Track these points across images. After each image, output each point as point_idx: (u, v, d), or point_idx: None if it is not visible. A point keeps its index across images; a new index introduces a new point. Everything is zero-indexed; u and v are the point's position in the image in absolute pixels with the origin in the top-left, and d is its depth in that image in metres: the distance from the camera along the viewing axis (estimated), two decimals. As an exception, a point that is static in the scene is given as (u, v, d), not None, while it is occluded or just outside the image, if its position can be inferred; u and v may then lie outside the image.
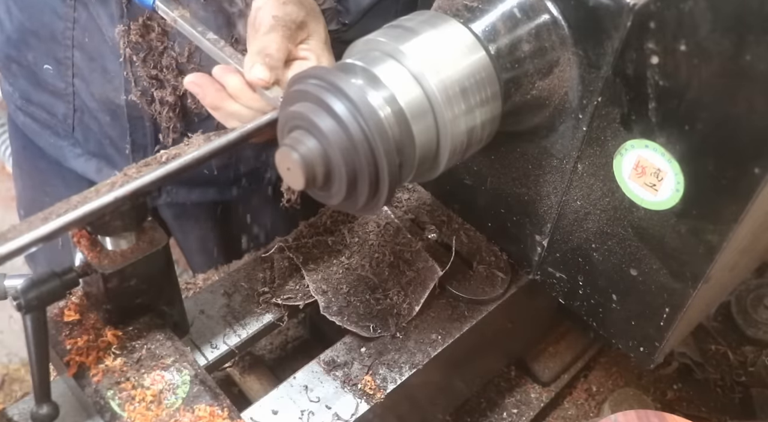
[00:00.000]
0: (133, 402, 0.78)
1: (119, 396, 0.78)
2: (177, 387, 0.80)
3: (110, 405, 0.77)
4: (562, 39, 0.75)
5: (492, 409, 1.18)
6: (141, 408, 0.77)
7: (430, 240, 1.02)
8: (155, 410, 0.77)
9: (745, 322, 1.27)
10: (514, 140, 0.89)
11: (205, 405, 0.78)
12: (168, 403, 0.78)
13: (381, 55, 0.70)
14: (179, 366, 0.82)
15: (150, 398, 0.78)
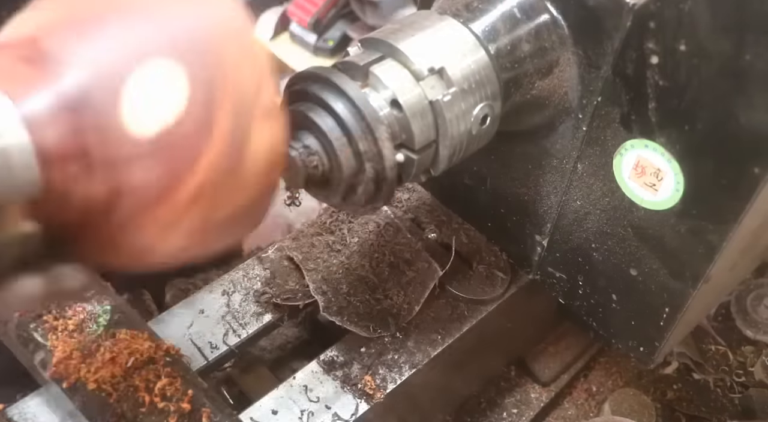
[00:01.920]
0: (56, 332, 0.81)
1: (42, 327, 0.82)
2: (98, 317, 0.83)
3: (33, 336, 0.81)
4: (561, 39, 0.75)
5: (492, 409, 1.18)
6: (64, 336, 0.81)
7: (430, 240, 1.02)
8: (77, 337, 0.81)
9: (745, 322, 1.27)
10: (514, 140, 0.89)
11: (126, 329, 0.83)
12: (90, 331, 0.82)
13: (381, 54, 0.70)
14: (99, 298, 0.86)
15: (72, 327, 0.82)
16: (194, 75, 0.45)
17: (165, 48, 0.45)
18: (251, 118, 0.48)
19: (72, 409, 0.79)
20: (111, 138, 0.44)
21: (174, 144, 0.45)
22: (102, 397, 0.77)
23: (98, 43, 0.44)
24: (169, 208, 0.47)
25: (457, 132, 0.71)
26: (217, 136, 0.46)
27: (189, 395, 0.78)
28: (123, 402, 0.77)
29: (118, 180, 0.45)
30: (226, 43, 0.47)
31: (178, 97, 0.45)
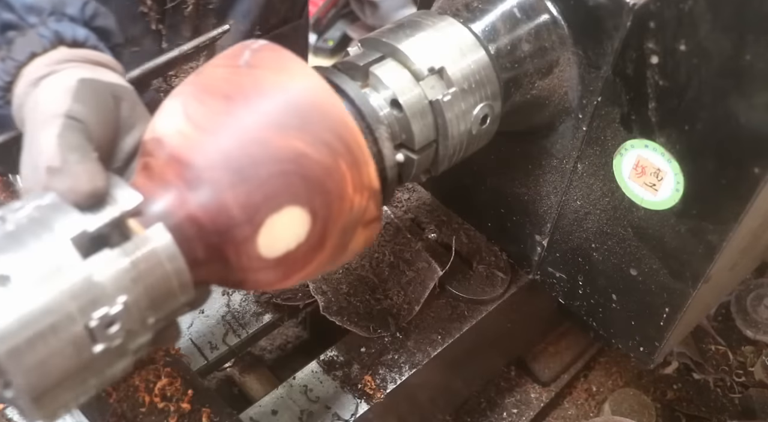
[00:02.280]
0: None
1: None
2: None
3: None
4: (561, 39, 0.75)
5: (492, 409, 1.18)
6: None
7: (430, 240, 1.02)
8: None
9: (745, 322, 1.27)
10: (514, 140, 0.89)
11: None
12: None
13: (381, 54, 0.70)
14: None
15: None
16: (317, 214, 0.58)
17: (298, 197, 0.57)
18: (356, 230, 0.61)
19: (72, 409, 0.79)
20: (246, 257, 0.57)
21: (292, 260, 0.59)
22: (102, 397, 0.77)
23: (246, 191, 0.56)
24: (281, 284, 0.62)
25: (457, 132, 0.71)
26: (327, 247, 0.60)
27: (189, 395, 0.78)
28: (123, 402, 0.77)
29: (248, 278, 0.60)
30: (349, 182, 0.59)
31: (301, 232, 0.58)
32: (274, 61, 0.59)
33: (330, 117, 0.58)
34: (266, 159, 0.55)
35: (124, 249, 0.53)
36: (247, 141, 0.56)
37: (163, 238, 0.54)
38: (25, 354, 0.47)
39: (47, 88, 0.63)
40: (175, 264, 0.55)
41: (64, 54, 0.66)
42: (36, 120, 0.61)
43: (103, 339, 0.50)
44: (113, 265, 0.51)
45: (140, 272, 0.53)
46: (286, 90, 0.58)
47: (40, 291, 0.48)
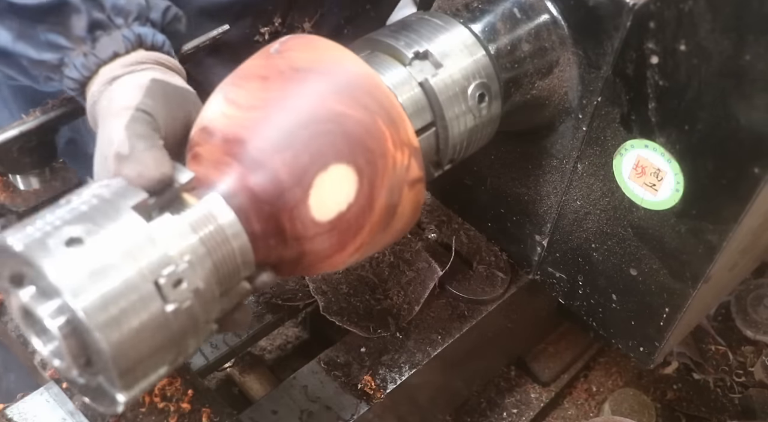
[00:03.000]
0: None
1: None
2: None
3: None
4: (561, 39, 0.75)
5: (492, 409, 1.18)
6: None
7: (430, 240, 1.02)
8: None
9: (745, 322, 1.27)
10: (514, 140, 0.89)
11: None
12: None
13: (381, 54, 0.70)
14: None
15: None
16: (362, 171, 0.59)
17: (339, 153, 0.58)
18: (402, 190, 0.62)
19: (72, 409, 0.79)
20: (300, 222, 0.59)
21: (345, 223, 0.60)
22: (102, 397, 0.77)
23: (293, 155, 0.58)
24: (338, 258, 0.62)
25: (457, 132, 0.71)
26: (377, 209, 0.61)
27: (189, 395, 0.78)
28: (123, 402, 0.77)
29: (304, 248, 0.61)
30: (388, 139, 0.60)
31: (350, 191, 0.59)
32: (303, 44, 0.63)
33: (362, 80, 0.61)
34: (307, 121, 0.58)
35: (183, 214, 0.56)
36: (288, 108, 0.59)
37: (220, 208, 0.57)
38: (104, 312, 0.49)
39: (121, 86, 0.68)
40: (234, 230, 0.57)
41: (141, 56, 0.71)
42: (109, 113, 0.65)
43: (174, 297, 0.52)
44: (174, 227, 0.54)
45: (200, 236, 0.55)
46: (318, 62, 0.61)
47: (110, 251, 0.50)
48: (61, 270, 0.48)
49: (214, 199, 0.58)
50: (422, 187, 0.65)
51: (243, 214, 0.58)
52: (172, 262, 0.52)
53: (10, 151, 0.81)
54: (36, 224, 0.51)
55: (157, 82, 0.68)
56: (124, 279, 0.50)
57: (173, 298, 0.52)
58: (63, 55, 0.71)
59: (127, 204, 0.53)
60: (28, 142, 0.81)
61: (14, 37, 0.71)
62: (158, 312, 0.51)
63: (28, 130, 0.81)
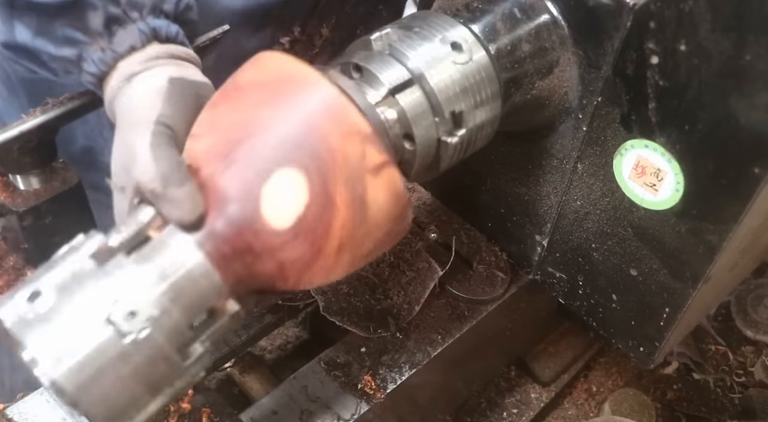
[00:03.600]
0: None
1: None
2: None
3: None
4: (562, 39, 0.75)
5: (492, 409, 1.18)
6: None
7: (430, 240, 1.02)
8: None
9: (745, 322, 1.27)
10: (514, 140, 0.89)
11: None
12: None
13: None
14: None
15: None
16: (309, 169, 0.58)
17: (281, 160, 0.58)
18: (364, 180, 0.60)
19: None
20: (262, 235, 0.59)
21: (308, 225, 0.59)
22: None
23: (236, 172, 0.59)
24: (323, 262, 0.61)
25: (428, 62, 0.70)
26: (340, 204, 0.59)
27: (189, 395, 0.78)
28: (123, 402, 0.77)
29: (280, 259, 0.60)
30: (329, 130, 0.59)
31: (301, 193, 0.58)
32: (252, 61, 0.64)
33: (297, 81, 0.61)
34: (244, 135, 0.59)
35: (142, 251, 0.57)
36: (225, 128, 0.61)
37: (177, 237, 0.58)
38: (79, 376, 0.52)
39: (140, 87, 0.70)
40: (189, 255, 0.58)
41: (156, 50, 0.73)
42: (130, 121, 0.67)
43: (128, 328, 0.53)
44: (127, 265, 0.56)
45: (154, 265, 0.56)
46: (258, 75, 0.63)
47: (67, 306, 0.53)
48: (34, 346, 0.52)
49: (170, 229, 0.59)
50: (391, 171, 0.62)
51: (208, 240, 0.59)
52: (123, 298, 0.54)
53: (11, 151, 0.81)
54: (27, 303, 0.54)
55: (174, 83, 0.69)
56: (88, 335, 0.53)
57: (128, 329, 0.53)
58: (81, 50, 0.73)
59: (87, 253, 0.56)
60: (28, 142, 0.81)
61: (33, 34, 0.73)
62: (118, 345, 0.53)
63: (29, 130, 0.81)
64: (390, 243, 0.68)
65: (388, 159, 0.62)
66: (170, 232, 0.59)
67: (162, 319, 0.54)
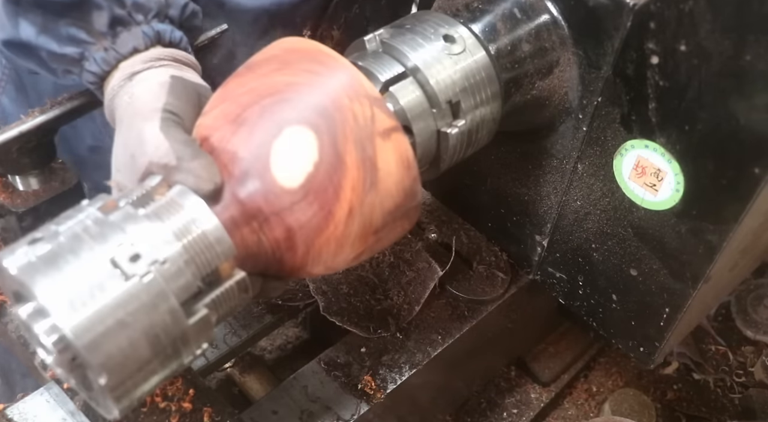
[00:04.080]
0: None
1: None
2: None
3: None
4: (562, 39, 0.75)
5: (492, 409, 1.18)
6: None
7: (430, 240, 1.02)
8: None
9: (745, 322, 1.27)
10: (514, 140, 0.89)
11: None
12: None
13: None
14: None
15: None
16: (319, 127, 0.58)
17: (290, 118, 0.58)
18: (373, 141, 0.60)
19: (72, 409, 0.79)
20: (271, 195, 0.58)
21: (318, 184, 0.58)
22: (102, 397, 0.77)
23: (247, 131, 0.59)
24: (333, 229, 0.60)
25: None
26: (350, 164, 0.59)
27: (190, 394, 0.78)
28: (123, 402, 0.77)
29: (288, 222, 0.59)
30: (338, 90, 0.59)
31: (311, 150, 0.58)
32: (266, 48, 0.65)
33: (306, 51, 0.62)
34: (255, 99, 0.60)
35: (150, 206, 0.56)
36: (237, 97, 0.61)
37: (185, 194, 0.58)
38: (91, 331, 0.49)
39: (142, 83, 0.70)
40: (198, 210, 0.57)
41: (159, 52, 0.73)
42: (134, 112, 0.67)
43: (132, 271, 0.52)
44: (135, 215, 0.55)
45: (163, 220, 0.55)
46: (269, 52, 0.64)
47: (75, 248, 0.52)
48: (48, 292, 0.50)
49: (177, 189, 0.58)
50: (400, 137, 0.62)
51: (218, 201, 0.58)
52: (127, 241, 0.53)
53: (10, 152, 0.81)
54: (30, 245, 0.52)
55: (176, 79, 0.69)
56: (91, 274, 0.51)
57: (132, 272, 0.52)
58: (84, 50, 0.73)
59: (93, 207, 0.56)
60: (27, 142, 0.81)
61: (38, 31, 0.74)
62: (119, 285, 0.51)
63: (28, 130, 0.81)
64: (400, 227, 0.67)
65: (397, 124, 0.62)
66: (182, 193, 0.58)
67: (167, 266, 0.53)
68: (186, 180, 0.58)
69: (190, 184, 0.58)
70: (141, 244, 0.53)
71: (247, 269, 0.59)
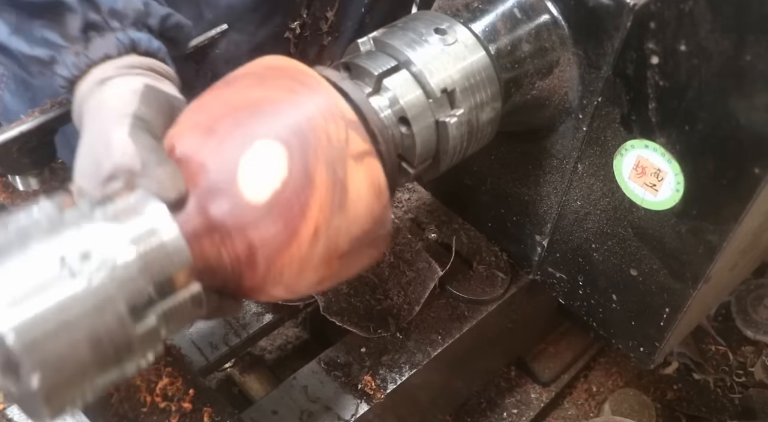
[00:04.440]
0: None
1: None
2: None
3: None
4: (562, 39, 0.75)
5: (492, 409, 1.18)
6: None
7: (430, 240, 1.02)
8: None
9: (745, 322, 1.28)
10: (514, 140, 0.89)
11: None
12: None
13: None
14: None
15: None
16: (290, 143, 0.57)
17: (262, 132, 0.57)
18: (345, 163, 0.59)
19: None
20: (236, 209, 0.57)
21: (284, 201, 0.57)
22: (103, 398, 0.77)
23: (217, 142, 0.58)
24: (296, 249, 0.58)
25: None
26: (319, 184, 0.57)
27: (190, 394, 0.78)
28: (124, 403, 0.77)
29: (250, 238, 0.57)
30: (313, 110, 0.59)
31: (281, 166, 0.56)
32: (248, 64, 0.65)
33: (285, 69, 0.62)
34: (228, 111, 0.59)
35: (107, 207, 0.54)
36: (210, 106, 0.60)
37: (146, 200, 0.56)
38: (32, 332, 0.47)
39: (114, 89, 0.68)
40: (157, 216, 0.55)
41: (133, 60, 0.72)
42: (102, 117, 0.65)
43: (80, 270, 0.49)
44: (83, 213, 0.53)
45: (120, 222, 0.53)
46: (249, 68, 0.64)
47: (24, 245, 0.50)
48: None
49: (139, 193, 0.57)
50: (373, 162, 0.61)
51: (179, 211, 0.57)
52: (79, 239, 0.51)
53: (10, 152, 0.81)
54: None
55: (150, 89, 0.68)
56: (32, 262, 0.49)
57: (80, 271, 0.49)
58: (55, 53, 0.71)
59: (49, 203, 0.54)
60: (27, 142, 0.81)
61: (10, 31, 0.72)
62: (67, 285, 0.49)
63: (28, 130, 0.81)
64: (367, 255, 0.65)
65: (371, 149, 0.61)
66: (144, 198, 0.56)
67: (119, 270, 0.51)
68: (150, 186, 0.57)
69: (154, 190, 0.56)
70: (93, 244, 0.51)
71: (204, 284, 0.57)
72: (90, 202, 0.54)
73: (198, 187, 0.57)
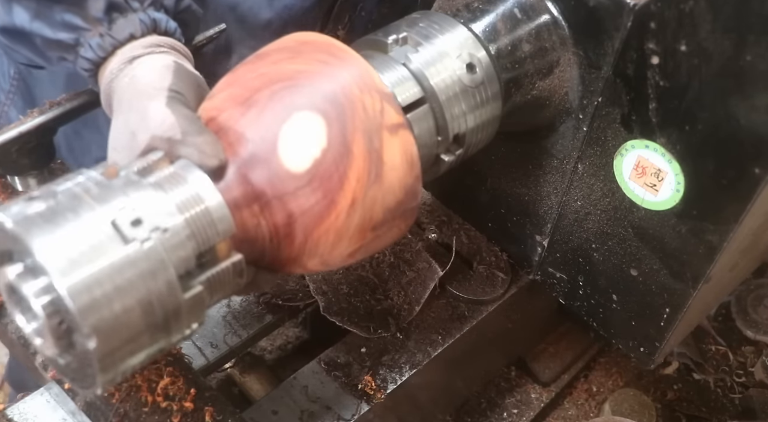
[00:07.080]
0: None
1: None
2: None
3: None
4: (562, 39, 0.75)
5: (492, 409, 1.18)
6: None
7: (430, 240, 1.02)
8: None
9: (745, 322, 1.27)
10: (515, 140, 0.89)
11: None
12: None
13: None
14: None
15: None
16: (328, 114, 0.58)
17: (301, 103, 0.59)
18: (381, 134, 0.60)
19: (73, 409, 0.79)
20: (276, 178, 0.58)
21: (324, 170, 0.58)
22: (104, 397, 0.77)
23: (256, 113, 0.59)
24: (333, 220, 0.59)
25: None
26: (357, 154, 0.59)
27: (192, 394, 0.78)
28: (126, 402, 0.77)
29: (290, 208, 0.59)
30: (349, 81, 0.60)
31: (320, 136, 0.58)
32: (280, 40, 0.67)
33: (319, 43, 0.63)
34: (265, 83, 0.60)
35: (152, 176, 0.56)
36: (248, 81, 0.61)
37: (189, 168, 0.57)
38: (88, 293, 0.48)
39: (146, 65, 0.70)
40: (202, 185, 0.56)
41: (157, 40, 0.73)
42: (137, 91, 0.67)
43: (133, 235, 0.50)
44: (138, 183, 0.54)
45: (165, 191, 0.55)
46: (282, 43, 0.65)
47: (76, 209, 0.51)
48: (46, 248, 0.48)
49: (181, 162, 0.58)
50: (407, 134, 0.62)
51: (225, 187, 0.58)
52: (129, 206, 0.52)
53: (9, 152, 0.81)
54: (26, 202, 0.51)
55: (180, 65, 0.70)
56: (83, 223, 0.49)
57: (132, 236, 0.50)
58: (78, 36, 0.72)
59: (94, 171, 0.55)
60: (26, 143, 0.81)
61: (32, 16, 0.73)
62: (120, 249, 0.50)
63: (27, 131, 0.81)
64: (397, 227, 0.66)
65: (404, 122, 0.62)
66: (186, 167, 0.57)
67: (169, 236, 0.52)
68: (191, 154, 0.58)
69: (195, 159, 0.57)
70: (143, 210, 0.52)
71: (242, 252, 0.58)
72: (135, 171, 0.55)
73: (237, 157, 0.58)
